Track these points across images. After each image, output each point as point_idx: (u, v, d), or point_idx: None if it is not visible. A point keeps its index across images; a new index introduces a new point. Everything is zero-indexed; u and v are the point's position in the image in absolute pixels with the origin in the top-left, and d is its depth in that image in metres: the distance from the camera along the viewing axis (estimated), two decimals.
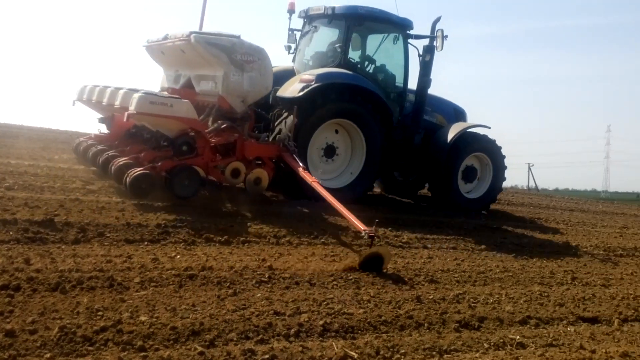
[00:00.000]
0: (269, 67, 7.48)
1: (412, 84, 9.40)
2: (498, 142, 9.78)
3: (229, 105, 7.21)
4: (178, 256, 4.88)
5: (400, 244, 6.57)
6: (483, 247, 7.02)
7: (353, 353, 3.48)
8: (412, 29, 9.20)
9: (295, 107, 7.48)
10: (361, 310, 4.17)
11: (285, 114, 7.86)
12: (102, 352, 3.08)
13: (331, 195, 6.40)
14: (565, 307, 5.10)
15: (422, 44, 9.24)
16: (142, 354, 3.13)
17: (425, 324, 4.17)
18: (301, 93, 7.76)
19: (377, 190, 10.63)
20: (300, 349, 3.42)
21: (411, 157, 9.35)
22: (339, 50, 8.63)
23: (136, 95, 6.41)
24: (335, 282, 4.77)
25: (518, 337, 4.22)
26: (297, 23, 9.66)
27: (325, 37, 9.27)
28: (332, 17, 8.86)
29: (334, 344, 3.57)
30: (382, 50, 9.28)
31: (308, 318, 3.86)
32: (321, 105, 7.93)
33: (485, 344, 4.01)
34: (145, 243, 5.16)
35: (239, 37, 7.29)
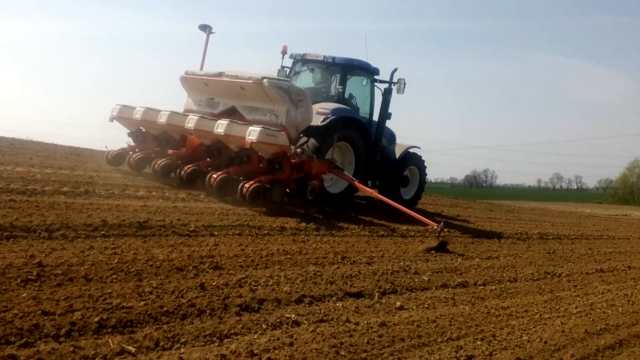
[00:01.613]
0: (311, 105, 9.76)
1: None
2: None
3: (288, 133, 9.11)
4: None
5: (187, 232, 6.54)
6: (266, 232, 7.37)
7: (130, 347, 3.42)
8: (379, 74, 12.14)
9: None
10: (142, 303, 4.09)
11: (304, 138, 10.16)
12: None
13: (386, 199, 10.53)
14: (336, 284, 5.61)
15: (383, 85, 12.17)
16: None
17: (208, 311, 4.25)
18: (324, 123, 10.27)
19: None
20: (71, 349, 3.23)
21: (373, 171, 12.18)
22: (340, 90, 11.31)
23: (256, 128, 8.38)
24: (115, 276, 4.58)
25: (293, 315, 4.54)
26: (287, 62, 11.99)
27: (319, 78, 11.85)
28: (330, 64, 11.47)
29: (109, 340, 3.46)
30: (357, 89, 12.06)
31: (82, 315, 3.66)
32: (335, 132, 10.29)
33: (263, 325, 4.25)
34: None
35: (289, 80, 9.68)
